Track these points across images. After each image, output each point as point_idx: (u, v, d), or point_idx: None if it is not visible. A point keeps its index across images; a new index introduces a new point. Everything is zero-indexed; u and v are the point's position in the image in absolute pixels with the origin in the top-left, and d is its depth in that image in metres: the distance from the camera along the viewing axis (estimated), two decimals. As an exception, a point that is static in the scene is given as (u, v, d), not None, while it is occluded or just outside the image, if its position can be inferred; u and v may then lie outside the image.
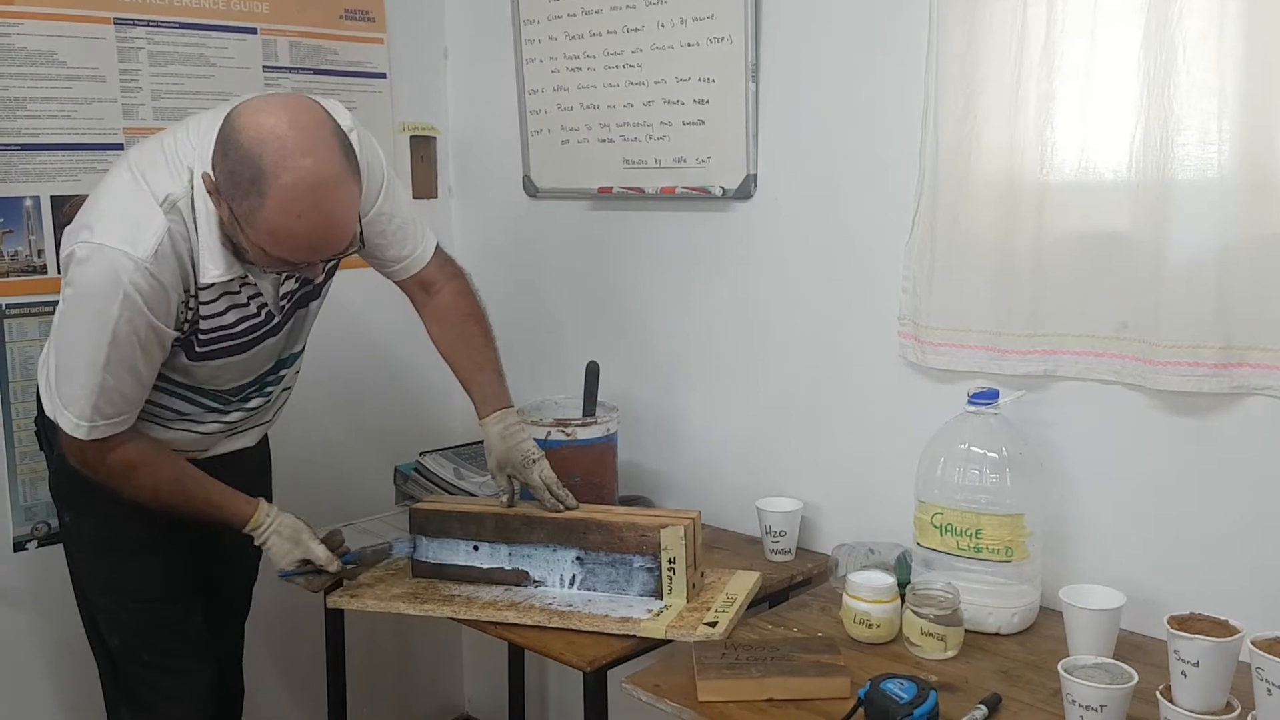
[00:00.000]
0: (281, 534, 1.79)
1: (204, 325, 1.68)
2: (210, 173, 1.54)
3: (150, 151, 1.65)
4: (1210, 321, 1.56)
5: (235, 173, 1.48)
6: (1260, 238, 1.52)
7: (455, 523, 1.90)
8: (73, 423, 1.64)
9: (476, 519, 1.89)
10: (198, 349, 1.70)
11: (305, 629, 2.34)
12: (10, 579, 2.17)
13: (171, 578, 1.84)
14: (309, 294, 1.81)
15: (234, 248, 1.60)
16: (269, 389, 1.87)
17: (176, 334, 1.65)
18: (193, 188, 1.58)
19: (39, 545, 2.17)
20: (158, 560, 1.83)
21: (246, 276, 1.67)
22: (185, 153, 1.60)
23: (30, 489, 2.16)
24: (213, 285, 1.64)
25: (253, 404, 1.86)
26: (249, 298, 1.71)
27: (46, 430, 1.80)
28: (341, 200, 1.51)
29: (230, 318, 1.70)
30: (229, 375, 1.78)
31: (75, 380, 1.62)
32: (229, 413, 1.84)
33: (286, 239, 1.50)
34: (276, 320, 1.76)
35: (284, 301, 1.77)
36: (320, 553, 1.79)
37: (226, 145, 1.49)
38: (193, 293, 1.63)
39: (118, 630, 1.83)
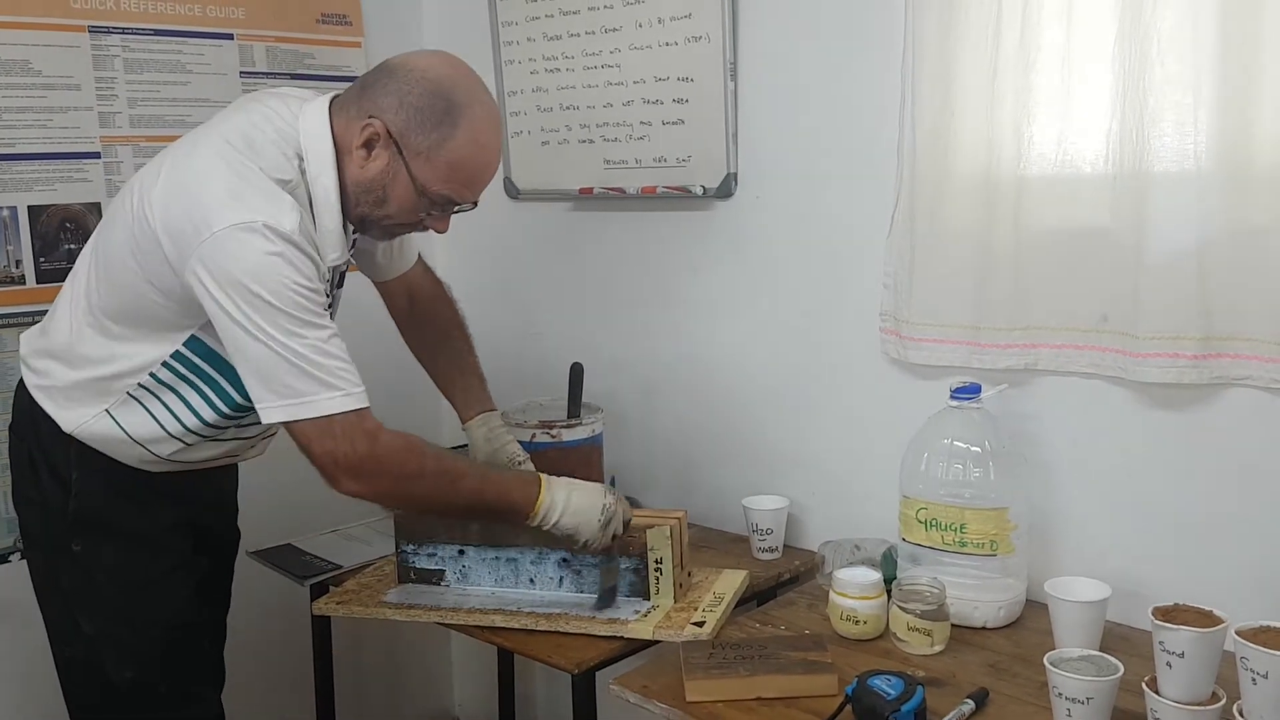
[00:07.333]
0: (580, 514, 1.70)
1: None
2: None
3: (245, 134, 1.54)
4: (1190, 313, 1.56)
5: (425, 107, 1.53)
6: (1239, 228, 1.52)
7: (441, 527, 1.89)
8: (341, 401, 1.48)
9: (462, 523, 1.88)
10: None
11: (292, 636, 2.32)
12: (-5, 591, 2.16)
13: (191, 603, 1.77)
14: (335, 282, 1.76)
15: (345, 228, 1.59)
16: None
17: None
18: (303, 173, 1.54)
19: (22, 558, 2.15)
20: (179, 585, 1.75)
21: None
22: (291, 139, 1.55)
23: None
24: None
25: None
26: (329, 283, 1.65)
27: (52, 454, 1.67)
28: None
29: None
30: None
31: (312, 357, 1.46)
32: None
33: (465, 169, 1.58)
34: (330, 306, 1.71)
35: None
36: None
37: (408, 85, 1.54)
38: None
39: (132, 662, 1.69)
